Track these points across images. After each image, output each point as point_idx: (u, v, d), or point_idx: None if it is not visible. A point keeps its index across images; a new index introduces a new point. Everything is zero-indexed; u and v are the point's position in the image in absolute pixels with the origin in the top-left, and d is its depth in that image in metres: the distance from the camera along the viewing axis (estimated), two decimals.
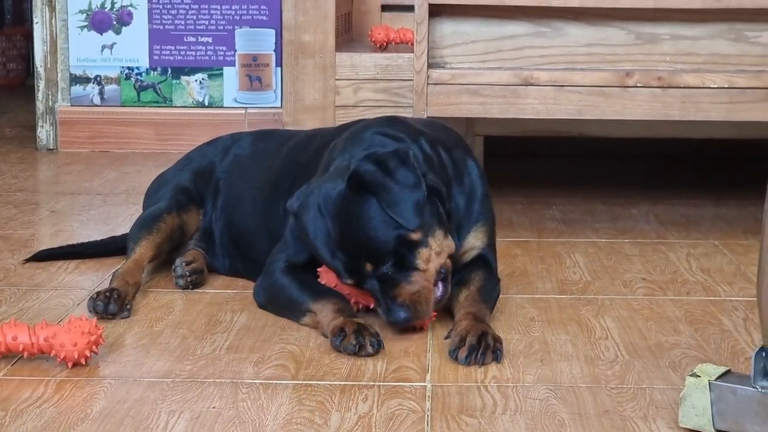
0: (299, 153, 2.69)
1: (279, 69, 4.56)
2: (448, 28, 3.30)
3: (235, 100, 4.66)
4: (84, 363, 2.13)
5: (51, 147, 4.64)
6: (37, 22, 4.63)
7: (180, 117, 4.67)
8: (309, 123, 3.66)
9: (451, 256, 2.35)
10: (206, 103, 4.66)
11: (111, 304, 2.41)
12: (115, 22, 4.63)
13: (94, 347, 2.14)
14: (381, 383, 2.07)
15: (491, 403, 1.97)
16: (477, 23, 3.29)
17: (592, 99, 3.15)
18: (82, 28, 4.62)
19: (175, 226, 2.74)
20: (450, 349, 2.20)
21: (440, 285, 2.32)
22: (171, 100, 4.67)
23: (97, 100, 4.65)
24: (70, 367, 2.12)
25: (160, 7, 4.64)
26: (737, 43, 3.25)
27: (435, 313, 2.34)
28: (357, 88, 3.68)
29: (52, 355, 2.13)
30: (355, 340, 2.20)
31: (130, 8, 4.63)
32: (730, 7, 3.19)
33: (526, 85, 3.16)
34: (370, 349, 2.20)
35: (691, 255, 3.02)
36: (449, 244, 2.34)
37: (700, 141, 4.08)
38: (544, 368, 2.15)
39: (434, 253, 2.30)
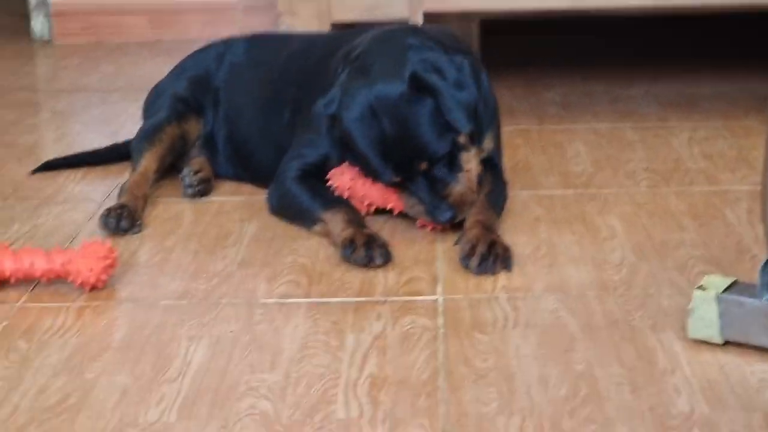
0: (300, 62, 2.69)
1: None
2: None
3: None
4: (101, 287, 2.16)
5: (46, 39, 4.62)
6: None
7: (174, 4, 4.64)
8: (305, 10, 3.66)
9: None
10: None
11: (122, 221, 2.44)
12: None
13: (109, 270, 2.18)
14: (393, 298, 2.11)
15: (502, 317, 2.01)
16: None
17: None
18: None
19: (176, 135, 2.76)
20: (461, 257, 2.24)
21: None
22: None
23: None
24: (88, 291, 2.16)
25: None
26: None
27: None
28: None
29: (69, 280, 2.16)
30: (364, 252, 2.24)
31: None
32: None
33: None
34: (379, 261, 2.24)
35: (692, 139, 3.04)
36: (483, 148, 2.44)
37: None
38: (552, 274, 2.19)
39: (476, 157, 2.37)
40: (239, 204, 2.64)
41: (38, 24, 4.62)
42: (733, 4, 3.14)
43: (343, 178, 2.43)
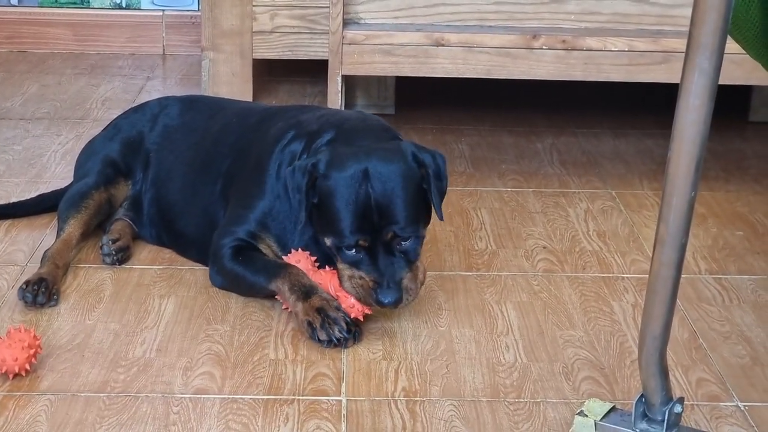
0: (235, 135, 2.81)
1: None
2: None
3: (153, 2, 4.71)
4: (24, 375, 2.30)
5: None
6: None
7: (98, 18, 4.72)
8: (228, 47, 3.78)
9: None
10: (124, 5, 4.70)
11: (39, 296, 2.57)
12: None
13: (33, 359, 2.31)
14: (300, 397, 2.27)
15: (400, 426, 2.18)
16: None
17: (500, 60, 3.31)
18: None
19: (102, 200, 2.88)
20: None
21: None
22: (89, 1, 4.71)
23: (15, 0, 4.67)
24: (11, 378, 2.29)
25: None
26: (638, 3, 3.41)
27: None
28: (274, 14, 3.80)
29: None
30: (325, 335, 2.42)
31: None
32: None
33: (437, 46, 3.31)
34: (341, 341, 2.44)
35: (589, 212, 3.23)
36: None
37: None
38: (449, 377, 2.36)
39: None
40: (158, 275, 2.77)
41: None
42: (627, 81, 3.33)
43: (299, 266, 2.57)
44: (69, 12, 4.70)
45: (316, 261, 2.58)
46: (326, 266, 2.56)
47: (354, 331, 2.47)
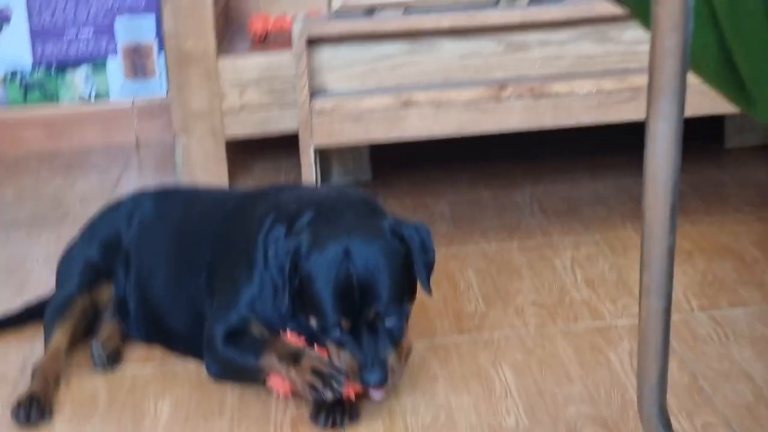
0: (213, 223, 2.80)
1: (162, 54, 4.62)
2: (326, 54, 3.42)
3: (121, 91, 4.73)
4: None
5: None
6: None
7: (69, 115, 4.73)
8: (199, 128, 3.78)
9: None
10: (93, 96, 4.71)
11: (32, 414, 2.55)
12: None
13: None
14: None
15: None
16: (353, 47, 3.42)
17: (470, 115, 3.32)
18: None
19: (87, 306, 2.87)
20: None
21: None
22: (58, 97, 4.71)
23: None
24: None
25: (39, 2, 4.66)
26: (602, 43, 3.42)
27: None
28: (242, 90, 3.80)
29: None
30: (330, 392, 2.41)
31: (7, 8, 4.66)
32: (591, 16, 3.35)
33: (407, 107, 3.31)
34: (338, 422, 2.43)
35: (575, 260, 3.22)
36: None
37: None
38: None
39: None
40: (152, 375, 2.76)
41: None
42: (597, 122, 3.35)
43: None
44: (38, 111, 4.70)
45: (306, 340, 2.56)
46: (315, 345, 2.55)
47: (350, 411, 2.45)
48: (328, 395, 2.41)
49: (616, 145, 4.20)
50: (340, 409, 2.43)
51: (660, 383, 1.94)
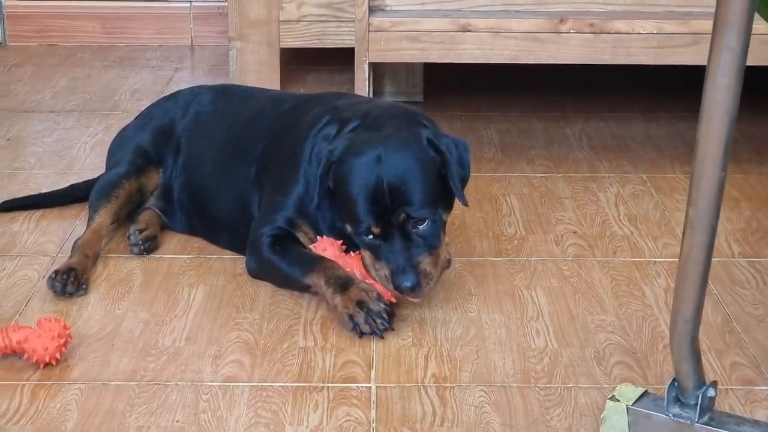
0: (269, 120, 2.80)
1: None
2: None
3: None
4: (55, 364, 2.30)
5: (0, 41, 4.70)
6: None
7: (126, 11, 4.72)
8: (255, 37, 3.77)
9: None
10: None
11: (68, 285, 2.57)
12: None
13: (63, 348, 2.31)
14: (330, 384, 2.26)
15: (430, 412, 2.17)
16: None
17: (528, 44, 3.29)
18: None
19: (133, 190, 2.88)
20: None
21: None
22: None
23: None
24: (42, 368, 2.29)
25: None
26: None
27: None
28: (300, 3, 3.79)
29: (24, 357, 2.30)
30: (369, 329, 2.41)
31: None
32: None
33: (464, 32, 3.29)
34: (381, 330, 2.42)
35: (619, 197, 3.20)
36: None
37: None
38: (479, 362, 2.35)
39: (447, 243, 2.54)
40: (187, 263, 2.77)
41: None
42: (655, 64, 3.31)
43: (326, 254, 2.56)
44: (97, 5, 4.70)
45: (343, 245, 2.56)
46: (353, 251, 2.55)
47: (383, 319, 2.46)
48: (366, 330, 2.41)
49: (673, 89, 4.16)
50: (374, 317, 2.42)
51: (695, 317, 1.93)
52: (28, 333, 2.30)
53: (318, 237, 2.60)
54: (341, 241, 2.57)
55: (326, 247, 2.57)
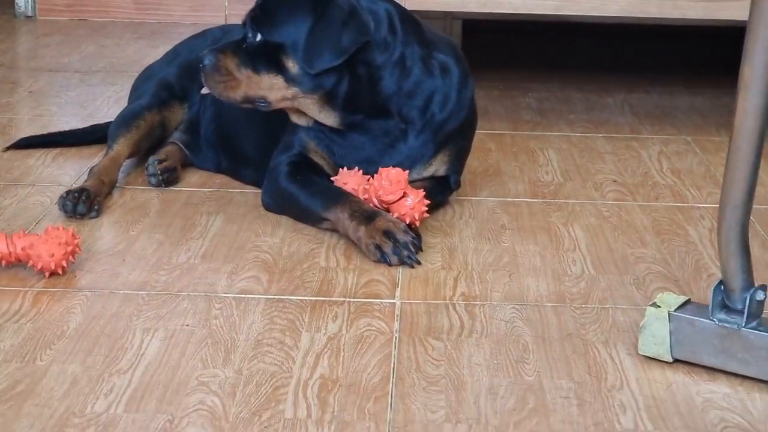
0: None
1: None
2: None
3: None
4: (61, 273, 2.17)
5: (29, 14, 4.62)
6: None
7: None
8: None
9: None
10: None
11: (79, 205, 2.45)
12: None
13: (71, 257, 2.18)
14: (351, 299, 2.12)
15: (458, 325, 2.03)
16: None
17: None
18: None
19: (155, 122, 2.76)
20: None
21: None
22: None
23: None
24: (47, 276, 2.16)
25: None
26: None
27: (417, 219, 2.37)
28: None
29: (29, 264, 2.17)
30: (397, 259, 2.27)
31: None
32: None
33: None
34: (412, 259, 2.27)
35: (662, 153, 3.06)
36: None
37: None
38: (512, 284, 2.20)
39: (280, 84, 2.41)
40: (208, 195, 2.65)
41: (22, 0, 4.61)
42: (704, 18, 3.15)
43: (347, 187, 2.42)
44: None
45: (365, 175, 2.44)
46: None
47: (412, 244, 2.31)
48: (394, 260, 2.27)
49: (719, 68, 4.03)
50: (401, 247, 2.28)
51: (746, 202, 1.79)
52: (34, 239, 2.18)
53: (340, 171, 2.46)
54: (360, 171, 2.43)
55: (347, 180, 2.43)
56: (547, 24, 4.29)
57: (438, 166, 2.51)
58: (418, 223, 2.35)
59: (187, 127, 2.79)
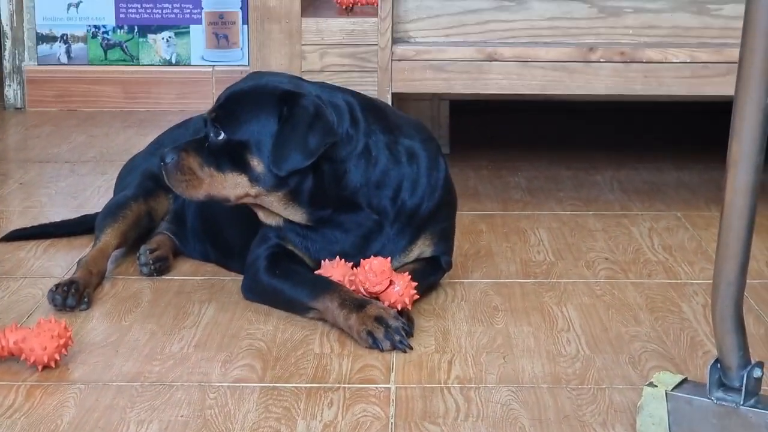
0: None
1: (246, 26, 4.55)
2: (412, 2, 3.31)
3: (203, 58, 4.66)
4: (54, 366, 2.16)
5: (19, 106, 4.64)
6: None
7: (147, 75, 4.67)
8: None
9: None
10: (173, 61, 4.65)
11: (69, 298, 2.44)
12: None
13: (63, 350, 2.17)
14: (346, 385, 2.11)
15: (454, 408, 2.01)
16: None
17: (556, 74, 3.17)
18: None
19: (141, 212, 2.76)
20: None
21: None
22: (138, 59, 4.65)
23: (64, 59, 4.64)
24: (40, 370, 2.15)
25: None
26: (699, 15, 3.27)
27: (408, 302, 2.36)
28: (323, 53, 3.69)
29: (22, 358, 2.16)
30: (389, 344, 2.25)
31: None
32: None
33: (490, 61, 3.18)
34: (403, 345, 2.26)
35: (653, 230, 3.07)
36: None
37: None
38: (506, 366, 2.20)
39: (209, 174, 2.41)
40: (199, 284, 2.64)
41: (11, 91, 4.63)
42: (688, 95, 3.18)
43: (334, 276, 2.42)
44: (118, 69, 4.65)
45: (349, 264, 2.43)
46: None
47: (403, 329, 2.31)
48: (386, 345, 2.26)
49: (706, 142, 4.04)
50: (393, 333, 2.27)
51: (739, 277, 1.79)
52: (26, 333, 2.17)
53: (322, 262, 2.46)
54: (343, 260, 2.43)
55: (332, 273, 2.42)
56: (535, 102, 4.32)
57: (421, 249, 2.51)
58: (410, 307, 2.35)
59: (174, 217, 2.80)
